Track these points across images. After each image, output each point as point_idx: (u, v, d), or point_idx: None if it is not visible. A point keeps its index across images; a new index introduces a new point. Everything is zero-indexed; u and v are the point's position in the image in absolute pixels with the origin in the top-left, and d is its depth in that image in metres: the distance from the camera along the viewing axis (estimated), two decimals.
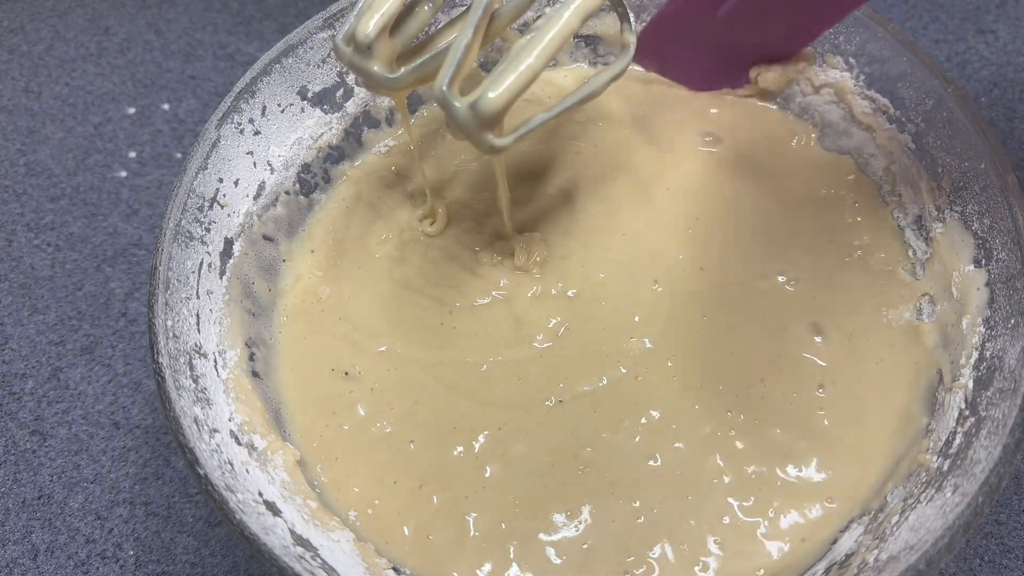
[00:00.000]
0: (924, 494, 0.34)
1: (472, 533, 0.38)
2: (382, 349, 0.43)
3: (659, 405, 0.40)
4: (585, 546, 0.37)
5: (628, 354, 0.42)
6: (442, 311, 0.44)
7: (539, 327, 0.43)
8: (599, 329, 0.43)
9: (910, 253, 0.43)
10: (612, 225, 0.46)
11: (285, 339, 0.44)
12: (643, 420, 0.40)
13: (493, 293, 0.44)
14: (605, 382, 0.41)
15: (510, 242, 0.46)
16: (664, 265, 0.44)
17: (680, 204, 0.46)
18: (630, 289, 0.44)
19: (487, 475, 0.39)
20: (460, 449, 0.40)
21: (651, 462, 0.39)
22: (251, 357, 0.42)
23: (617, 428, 0.40)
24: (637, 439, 0.40)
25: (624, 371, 0.41)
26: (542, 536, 0.38)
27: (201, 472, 0.33)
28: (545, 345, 0.43)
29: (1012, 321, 0.35)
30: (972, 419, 0.35)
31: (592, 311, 0.43)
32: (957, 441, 0.35)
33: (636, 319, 0.43)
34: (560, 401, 0.41)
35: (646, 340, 0.42)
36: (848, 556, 0.35)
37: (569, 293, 0.44)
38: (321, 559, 0.35)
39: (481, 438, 0.40)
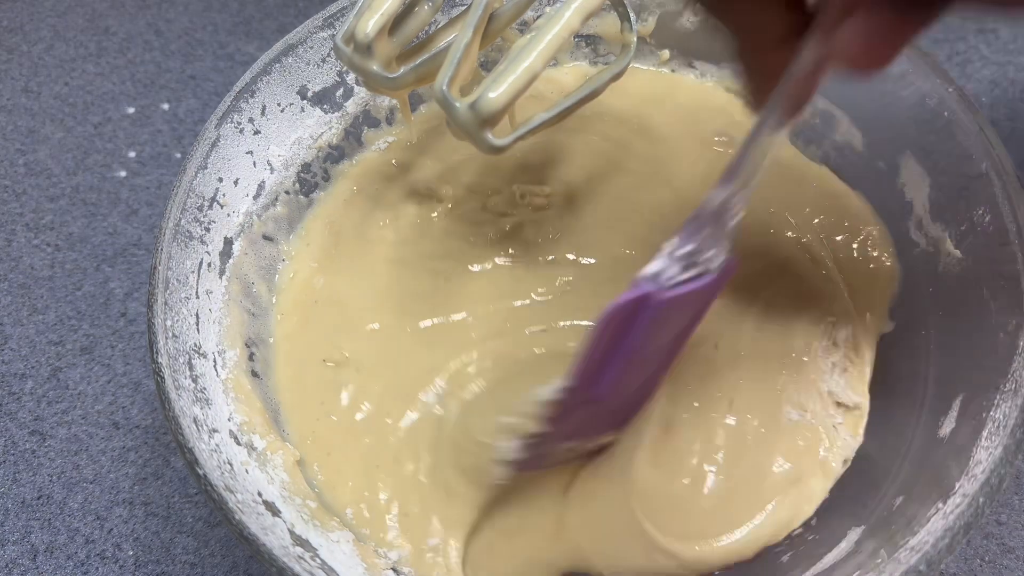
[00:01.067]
0: None
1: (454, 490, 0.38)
2: (373, 327, 0.43)
3: None
4: None
5: None
6: (436, 280, 0.44)
7: (542, 282, 0.43)
8: (611, 283, 0.42)
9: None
10: (629, 208, 0.46)
11: (280, 336, 0.44)
12: None
13: (496, 260, 0.44)
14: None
15: (519, 218, 0.45)
16: None
17: (698, 191, 0.46)
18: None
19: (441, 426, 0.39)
20: (425, 401, 0.40)
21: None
22: (251, 357, 0.42)
23: None
24: None
25: None
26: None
27: (201, 472, 0.32)
28: (545, 298, 0.42)
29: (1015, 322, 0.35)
30: (973, 420, 0.35)
31: (609, 275, 0.43)
32: (959, 442, 0.35)
33: None
34: (543, 330, 0.41)
35: None
36: (848, 556, 0.35)
37: (583, 261, 0.44)
38: (321, 559, 0.34)
39: (440, 382, 0.40)
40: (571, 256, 0.44)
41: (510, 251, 0.44)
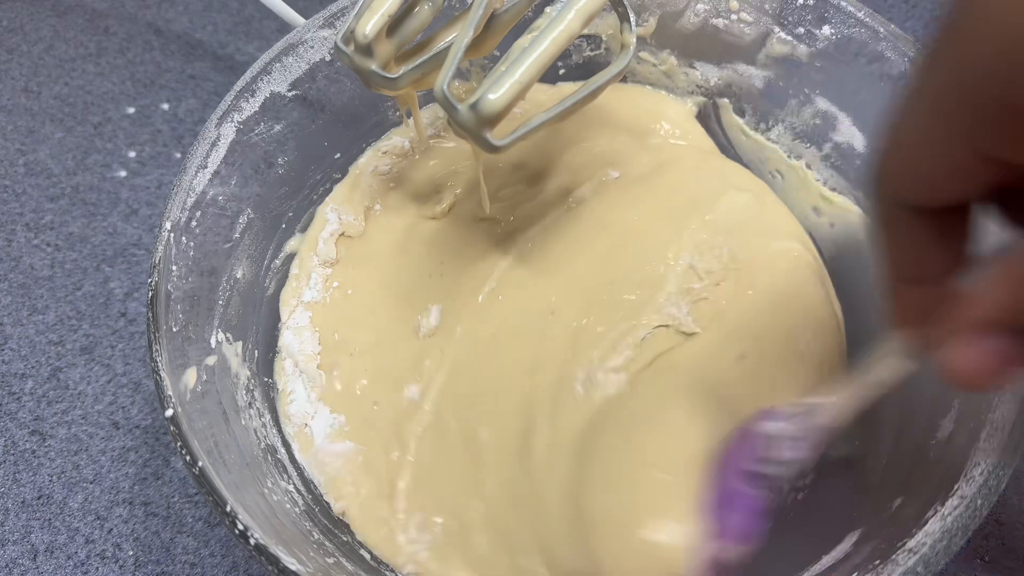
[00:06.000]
0: None
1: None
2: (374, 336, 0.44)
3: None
4: None
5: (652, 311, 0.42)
6: (441, 293, 0.44)
7: (542, 297, 0.43)
8: (617, 301, 0.42)
9: None
10: (626, 217, 0.46)
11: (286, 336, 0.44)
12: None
13: (498, 276, 0.44)
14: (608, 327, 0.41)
15: (517, 235, 0.45)
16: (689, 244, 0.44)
17: (690, 205, 0.46)
18: (653, 269, 0.43)
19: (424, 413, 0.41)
20: (408, 392, 0.41)
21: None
22: (252, 357, 0.42)
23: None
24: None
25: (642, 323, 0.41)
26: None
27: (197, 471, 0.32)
28: (552, 300, 0.43)
29: None
30: (971, 422, 0.35)
31: (608, 296, 0.43)
32: (956, 442, 0.35)
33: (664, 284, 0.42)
34: (552, 313, 0.42)
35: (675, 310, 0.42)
36: (845, 557, 0.35)
37: (583, 278, 0.44)
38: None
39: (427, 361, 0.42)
40: (569, 267, 0.44)
41: (509, 260, 0.44)
